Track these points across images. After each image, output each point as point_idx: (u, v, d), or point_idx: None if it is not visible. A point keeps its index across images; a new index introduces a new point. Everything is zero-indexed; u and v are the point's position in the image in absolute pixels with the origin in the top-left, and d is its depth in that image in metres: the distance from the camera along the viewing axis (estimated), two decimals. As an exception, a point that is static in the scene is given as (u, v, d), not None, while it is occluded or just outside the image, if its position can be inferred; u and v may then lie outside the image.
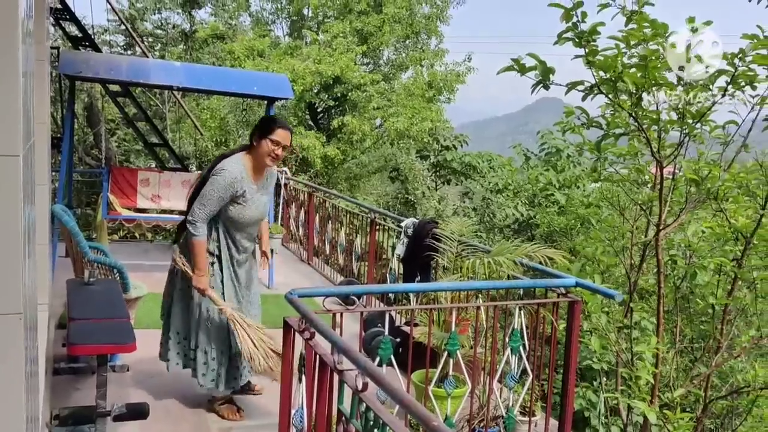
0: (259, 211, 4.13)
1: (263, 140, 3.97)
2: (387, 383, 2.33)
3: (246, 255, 4.25)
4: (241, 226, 4.08)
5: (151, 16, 16.35)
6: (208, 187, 3.91)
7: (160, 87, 7.31)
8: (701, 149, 5.21)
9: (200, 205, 3.92)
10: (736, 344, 5.98)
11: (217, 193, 3.89)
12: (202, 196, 3.92)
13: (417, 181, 15.05)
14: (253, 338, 3.96)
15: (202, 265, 3.97)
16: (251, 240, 4.25)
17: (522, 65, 4.40)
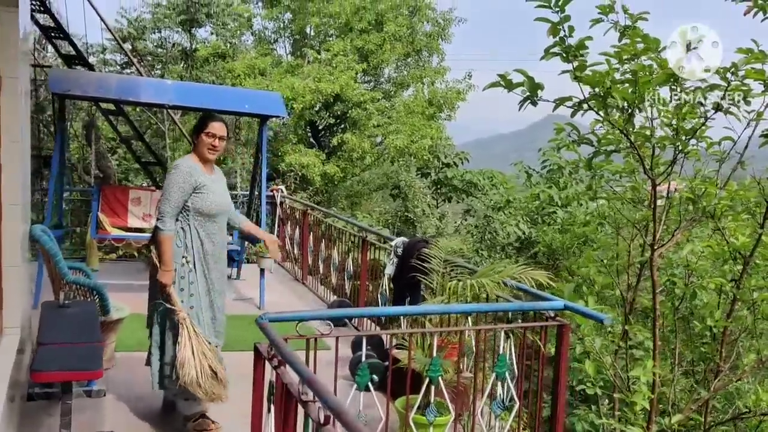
0: (222, 198, 4.24)
1: (200, 136, 4.14)
2: (348, 419, 2.19)
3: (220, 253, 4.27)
4: (211, 215, 4.14)
5: (151, 35, 16.39)
6: (166, 184, 4.07)
7: (151, 105, 7.25)
8: (697, 166, 5.07)
9: (164, 200, 4.03)
10: (740, 366, 5.79)
11: (175, 185, 4.00)
12: (164, 193, 4.08)
13: (417, 199, 14.92)
14: (195, 349, 3.96)
15: (168, 260, 4.00)
16: (223, 232, 4.30)
17: (508, 81, 4.27)
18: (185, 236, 4.08)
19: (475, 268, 4.50)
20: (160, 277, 4.02)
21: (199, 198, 4.06)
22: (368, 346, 5.34)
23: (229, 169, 13.95)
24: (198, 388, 3.95)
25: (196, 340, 4.01)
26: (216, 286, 4.26)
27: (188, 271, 4.10)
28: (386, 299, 6.33)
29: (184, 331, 3.99)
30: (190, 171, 4.04)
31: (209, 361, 4.01)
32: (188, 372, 3.89)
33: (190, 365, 3.90)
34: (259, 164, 7.90)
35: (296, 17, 17.97)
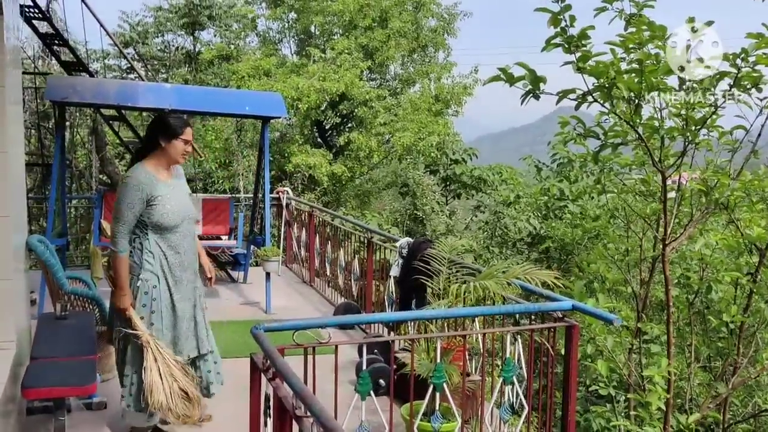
0: (182, 204, 3.94)
1: (175, 141, 3.87)
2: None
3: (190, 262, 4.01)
4: (171, 226, 3.84)
5: (154, 39, 16.33)
6: (116, 202, 3.80)
7: (151, 110, 7.15)
8: (709, 157, 4.91)
9: (114, 219, 3.77)
10: (760, 360, 5.63)
11: (124, 202, 3.74)
12: (114, 211, 3.80)
13: (426, 197, 14.77)
14: (162, 372, 3.71)
15: (123, 283, 3.73)
16: (188, 238, 4.01)
17: (509, 75, 4.14)
18: (143, 252, 3.80)
19: (480, 268, 4.36)
20: (117, 301, 3.76)
21: (154, 211, 3.77)
22: (375, 350, 5.22)
23: (235, 171, 13.89)
24: (169, 413, 3.76)
25: (162, 362, 3.74)
26: (187, 295, 3.98)
27: (152, 286, 3.81)
28: (393, 301, 6.21)
29: (149, 354, 3.71)
30: (139, 185, 3.73)
31: (179, 383, 3.77)
32: (157, 398, 3.66)
33: (158, 390, 3.67)
34: (263, 166, 7.79)
35: (300, 17, 17.86)
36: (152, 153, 3.90)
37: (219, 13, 16.45)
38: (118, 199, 3.75)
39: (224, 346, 5.95)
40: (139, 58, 15.69)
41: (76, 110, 11.87)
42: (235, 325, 6.64)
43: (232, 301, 7.83)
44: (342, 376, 3.38)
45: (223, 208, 8.27)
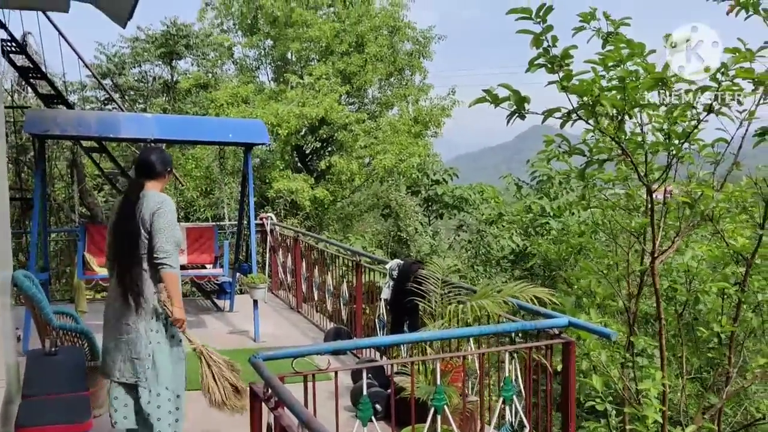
0: None
1: (172, 172, 4.20)
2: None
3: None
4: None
5: (131, 70, 16.26)
6: (167, 221, 3.84)
7: (133, 140, 7.11)
8: (692, 170, 4.98)
9: (167, 238, 3.82)
10: (748, 369, 5.67)
11: (172, 222, 3.87)
12: (164, 229, 3.81)
13: (409, 218, 14.82)
14: (216, 374, 4.08)
15: (180, 297, 3.89)
16: None
17: (494, 96, 4.19)
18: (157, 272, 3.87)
19: (473, 288, 4.37)
20: (178, 315, 3.87)
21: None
22: (369, 374, 5.18)
23: (217, 199, 13.81)
24: (224, 407, 4.08)
25: (215, 365, 4.07)
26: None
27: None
28: (384, 324, 6.18)
29: (203, 362, 4.07)
30: (174, 208, 3.96)
31: (229, 380, 4.10)
32: (214, 397, 4.04)
33: (214, 391, 4.03)
34: (246, 193, 7.76)
35: (277, 43, 17.95)
36: (155, 181, 4.00)
37: (196, 42, 16.46)
38: (168, 220, 3.83)
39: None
40: (117, 89, 15.60)
41: (54, 143, 11.75)
42: (224, 354, 6.52)
43: (220, 330, 7.74)
44: (334, 402, 3.35)
45: (208, 237, 8.21)
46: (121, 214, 3.92)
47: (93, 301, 9.35)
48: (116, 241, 3.93)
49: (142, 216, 3.82)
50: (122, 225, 3.88)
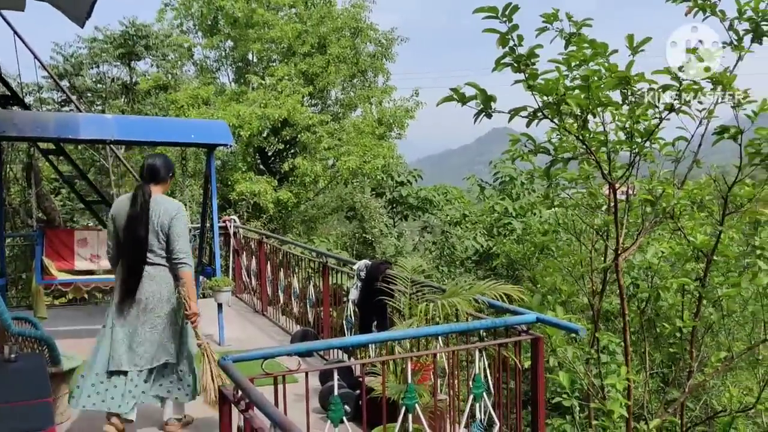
0: None
1: (173, 176, 4.62)
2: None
3: None
4: None
5: (89, 71, 15.91)
6: (183, 225, 4.27)
7: (92, 142, 6.96)
8: (653, 168, 5.08)
9: (184, 240, 4.26)
10: (708, 365, 5.80)
11: (186, 226, 4.35)
12: (183, 234, 4.27)
13: (374, 219, 14.81)
14: (213, 373, 4.27)
15: (195, 293, 4.40)
16: None
17: (461, 95, 4.21)
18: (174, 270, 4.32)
19: (443, 287, 4.37)
20: (194, 309, 4.29)
21: None
22: (337, 375, 5.15)
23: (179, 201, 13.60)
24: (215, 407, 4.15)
25: (214, 365, 4.26)
26: None
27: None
28: (351, 325, 6.15)
29: (205, 358, 4.28)
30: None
31: (224, 381, 4.20)
32: (209, 396, 4.23)
33: (210, 389, 4.22)
34: (209, 195, 7.65)
35: (237, 45, 17.78)
36: (160, 186, 4.38)
37: (155, 43, 16.17)
38: (185, 223, 4.28)
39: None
40: (74, 91, 15.23)
41: (9, 145, 11.43)
42: (190, 358, 6.44)
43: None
44: (303, 405, 3.32)
45: (171, 240, 8.07)
46: (132, 217, 4.19)
47: (52, 306, 9.12)
48: (126, 242, 4.23)
49: (159, 220, 4.17)
50: (134, 228, 4.18)
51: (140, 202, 4.17)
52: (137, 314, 4.25)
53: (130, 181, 14.22)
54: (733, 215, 5.29)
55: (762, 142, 4.59)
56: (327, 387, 5.00)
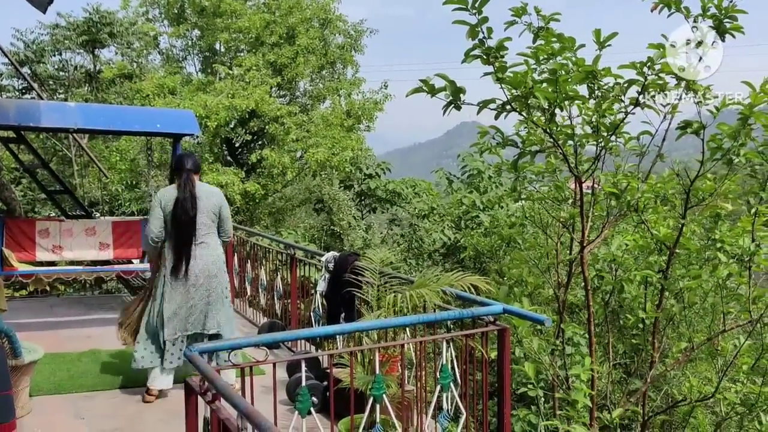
0: None
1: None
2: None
3: None
4: None
5: (51, 58, 15.54)
6: (227, 207, 5.02)
7: (54, 130, 6.81)
8: (618, 162, 5.15)
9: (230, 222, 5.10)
10: (669, 355, 5.93)
11: None
12: (229, 217, 5.04)
13: (342, 212, 14.78)
14: None
15: None
16: None
17: (431, 86, 4.22)
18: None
19: (411, 279, 4.39)
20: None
21: None
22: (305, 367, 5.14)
23: (143, 193, 13.40)
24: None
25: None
26: None
27: None
28: (319, 317, 6.14)
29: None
30: None
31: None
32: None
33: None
34: (176, 186, 7.54)
35: (205, 34, 17.55)
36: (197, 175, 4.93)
37: (120, 31, 15.88)
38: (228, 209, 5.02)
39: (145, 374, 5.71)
40: (36, 78, 14.88)
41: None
42: (155, 351, 6.37)
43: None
44: (270, 396, 3.31)
45: (135, 231, 7.94)
46: (181, 201, 4.69)
47: (12, 299, 8.92)
48: (175, 224, 4.72)
49: (208, 202, 4.82)
50: (183, 211, 4.69)
51: (189, 188, 4.71)
52: (188, 286, 4.79)
53: (94, 171, 13.97)
54: (695, 209, 5.40)
55: (723, 137, 4.69)
56: (294, 378, 4.99)
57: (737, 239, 5.19)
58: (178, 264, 4.77)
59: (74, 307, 8.45)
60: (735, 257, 5.27)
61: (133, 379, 5.54)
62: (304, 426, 3.29)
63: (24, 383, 4.63)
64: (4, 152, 11.22)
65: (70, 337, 6.82)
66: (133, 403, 5.14)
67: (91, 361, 5.94)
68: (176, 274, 4.78)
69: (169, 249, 4.82)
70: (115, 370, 5.76)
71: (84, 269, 7.41)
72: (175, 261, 4.78)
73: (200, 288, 4.83)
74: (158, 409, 4.97)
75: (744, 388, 5.26)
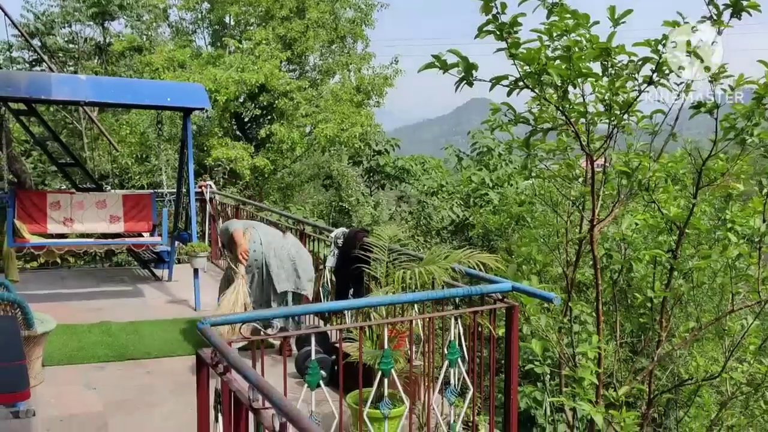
0: None
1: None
2: (305, 424, 2.05)
3: None
4: None
5: (61, 30, 15.49)
6: None
7: (65, 103, 6.82)
8: (630, 140, 5.11)
9: None
10: (676, 335, 5.93)
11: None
12: None
13: (351, 188, 14.79)
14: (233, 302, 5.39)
15: None
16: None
17: (443, 62, 4.17)
18: None
19: (420, 256, 4.40)
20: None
21: None
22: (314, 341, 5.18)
23: (153, 166, 13.43)
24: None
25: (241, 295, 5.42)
26: None
27: None
28: (328, 292, 6.18)
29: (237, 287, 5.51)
30: None
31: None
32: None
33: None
34: (185, 160, 7.57)
35: (214, 6, 17.44)
36: None
37: (130, 3, 15.78)
38: None
39: (155, 345, 5.79)
40: (46, 50, 14.85)
41: (-22, 105, 11.14)
42: (164, 324, 6.45)
43: (158, 300, 7.59)
44: (278, 369, 3.34)
45: (145, 204, 7.99)
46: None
47: (23, 270, 9.01)
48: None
49: None
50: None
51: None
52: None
53: (104, 144, 14.00)
54: (706, 189, 5.37)
55: (737, 117, 4.63)
56: (303, 352, 5.03)
57: (748, 220, 5.16)
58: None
59: (85, 279, 8.53)
60: (745, 238, 5.24)
61: (143, 351, 5.61)
62: (313, 398, 3.34)
63: (37, 353, 4.69)
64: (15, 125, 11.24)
65: (82, 308, 6.90)
66: (143, 374, 5.21)
67: (102, 333, 6.02)
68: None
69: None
70: (125, 341, 5.83)
71: (95, 242, 7.46)
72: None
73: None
74: (169, 380, 5.04)
75: (750, 368, 5.27)
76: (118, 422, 4.27)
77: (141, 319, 6.55)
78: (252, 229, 5.65)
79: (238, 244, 5.47)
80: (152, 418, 4.38)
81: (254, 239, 5.55)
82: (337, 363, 4.33)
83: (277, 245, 5.60)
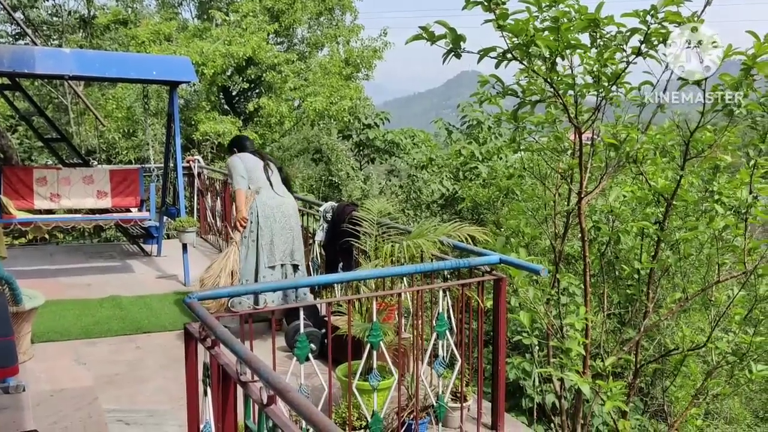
0: None
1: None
2: (293, 396, 2.06)
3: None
4: None
5: (44, 2, 15.23)
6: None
7: (49, 77, 6.73)
8: (618, 113, 5.10)
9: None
10: (663, 306, 5.99)
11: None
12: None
13: (340, 162, 14.74)
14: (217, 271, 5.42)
15: None
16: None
17: (431, 33, 4.13)
18: None
19: (409, 229, 4.41)
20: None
21: None
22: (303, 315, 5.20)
23: (140, 141, 13.32)
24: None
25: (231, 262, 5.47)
26: None
27: None
28: (317, 266, 6.19)
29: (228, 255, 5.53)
30: None
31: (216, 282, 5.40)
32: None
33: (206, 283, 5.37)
34: (173, 134, 7.51)
35: (200, -22, 17.20)
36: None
37: (114, -26, 15.54)
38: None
39: (145, 320, 5.79)
40: (29, 23, 14.60)
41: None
42: (154, 299, 6.46)
43: (148, 275, 7.59)
44: (267, 343, 3.36)
45: (133, 179, 7.94)
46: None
47: (11, 247, 8.97)
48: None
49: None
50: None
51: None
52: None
53: (90, 119, 13.85)
54: (694, 161, 5.38)
55: (725, 88, 4.63)
56: (292, 326, 5.06)
57: (735, 191, 5.18)
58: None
59: (73, 255, 8.51)
60: (732, 209, 5.27)
61: (133, 326, 5.61)
62: (302, 372, 3.36)
63: (25, 329, 4.69)
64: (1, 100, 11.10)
65: (71, 284, 6.89)
66: (133, 349, 5.22)
67: (92, 308, 6.02)
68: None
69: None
70: (115, 317, 5.84)
71: (83, 218, 7.43)
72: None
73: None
74: (159, 355, 5.06)
75: (736, 338, 5.33)
76: (108, 397, 4.29)
77: (130, 294, 6.55)
78: (255, 195, 5.34)
79: (238, 209, 5.24)
80: (142, 392, 4.40)
81: (252, 209, 5.28)
82: (327, 336, 4.35)
83: (279, 214, 5.34)
